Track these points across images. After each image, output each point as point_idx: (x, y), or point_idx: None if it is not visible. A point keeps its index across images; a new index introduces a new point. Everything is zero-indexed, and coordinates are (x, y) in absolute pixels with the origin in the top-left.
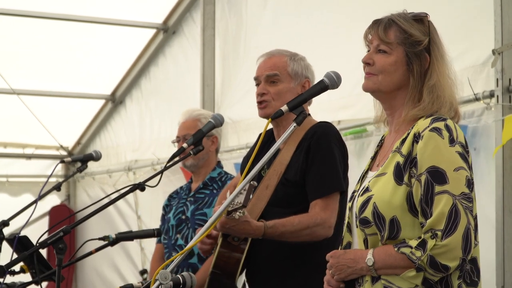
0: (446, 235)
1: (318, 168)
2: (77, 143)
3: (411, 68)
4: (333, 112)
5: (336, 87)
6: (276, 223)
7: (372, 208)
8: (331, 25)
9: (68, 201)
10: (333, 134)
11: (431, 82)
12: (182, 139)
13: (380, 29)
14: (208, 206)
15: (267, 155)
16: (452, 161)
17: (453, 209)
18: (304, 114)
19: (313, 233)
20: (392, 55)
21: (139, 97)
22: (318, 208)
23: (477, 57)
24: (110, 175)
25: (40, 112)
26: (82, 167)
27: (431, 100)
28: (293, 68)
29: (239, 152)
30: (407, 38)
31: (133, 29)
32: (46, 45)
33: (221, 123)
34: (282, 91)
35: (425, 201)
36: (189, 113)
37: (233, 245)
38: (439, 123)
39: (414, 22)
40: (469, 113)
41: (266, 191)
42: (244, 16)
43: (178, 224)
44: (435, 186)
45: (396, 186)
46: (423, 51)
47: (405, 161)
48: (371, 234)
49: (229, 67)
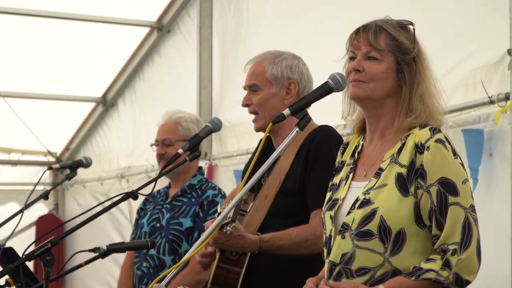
0: (463, 248)
1: (317, 175)
2: (66, 148)
3: (403, 76)
4: (338, 115)
5: (341, 89)
6: (273, 237)
7: (379, 222)
8: (335, 25)
9: (56, 210)
10: (334, 138)
11: (420, 91)
12: (161, 143)
13: (370, 35)
14: (184, 215)
15: (266, 163)
16: (459, 173)
17: (466, 221)
18: (307, 118)
19: (313, 246)
20: (384, 62)
21: (132, 99)
22: (318, 219)
23: (490, 57)
24: (102, 182)
25: (27, 115)
26: (71, 174)
27: (423, 109)
28: (271, 73)
29: (238, 158)
30: (398, 46)
31: (126, 28)
32: (33, 44)
33: (219, 127)
34: (263, 99)
35: (439, 212)
36: (169, 115)
37: (232, 260)
38: (439, 135)
39: (401, 30)
40: (484, 117)
41: (265, 202)
42: (244, 14)
43: (152, 232)
44: (448, 196)
45: (402, 198)
46: (411, 60)
47: (408, 172)
48: (367, 248)
49: (227, 68)
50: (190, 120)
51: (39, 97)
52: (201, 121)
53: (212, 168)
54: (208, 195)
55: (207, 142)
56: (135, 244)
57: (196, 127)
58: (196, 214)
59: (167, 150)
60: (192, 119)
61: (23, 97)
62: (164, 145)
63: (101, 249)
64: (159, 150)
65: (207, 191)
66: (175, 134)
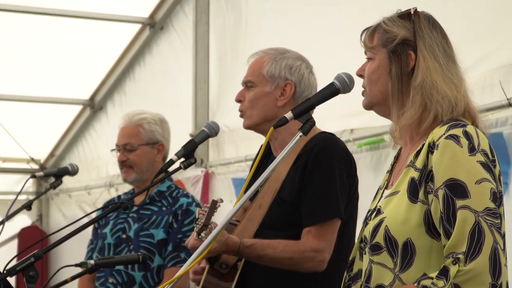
0: (470, 258)
1: (313, 190)
2: (50, 155)
3: (390, 70)
4: (345, 119)
5: (348, 91)
6: (255, 243)
7: (383, 232)
8: (342, 21)
9: (40, 221)
10: (336, 149)
11: (416, 82)
12: (122, 149)
13: (366, 36)
14: (156, 226)
15: (267, 171)
16: (473, 172)
17: (476, 227)
18: (311, 122)
19: (297, 265)
20: (376, 60)
21: (122, 102)
22: (311, 237)
23: (509, 56)
24: (89, 192)
25: (7, 119)
26: (56, 182)
27: (421, 103)
28: (268, 70)
29: (237, 166)
30: (388, 38)
31: (115, 24)
32: (14, 42)
33: (216, 132)
34: (255, 97)
35: (447, 219)
36: (129, 117)
37: (221, 273)
38: (456, 130)
39: (398, 20)
40: (502, 120)
41: (259, 211)
42: (244, 10)
43: (117, 244)
44: (455, 200)
45: (410, 205)
46: (405, 49)
47: (420, 176)
48: (378, 263)
49: (225, 68)
50: (153, 121)
51: (21, 99)
52: (165, 121)
53: (209, 176)
54: (182, 204)
55: (203, 148)
56: (125, 259)
57: (160, 128)
58: (169, 224)
59: (129, 156)
60: (155, 120)
61: (3, 100)
62: (125, 151)
63: (88, 263)
64: (120, 157)
65: (179, 199)
66: (137, 138)
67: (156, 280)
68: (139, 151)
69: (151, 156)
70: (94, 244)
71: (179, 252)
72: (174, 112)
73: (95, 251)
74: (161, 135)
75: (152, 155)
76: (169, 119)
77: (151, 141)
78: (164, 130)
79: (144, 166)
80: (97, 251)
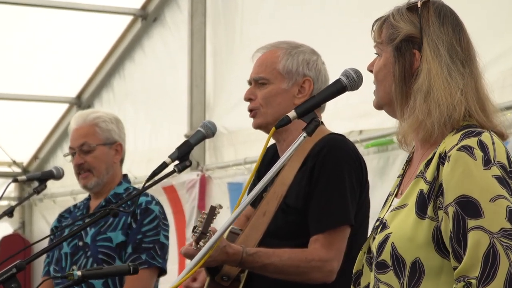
0: (483, 284)
1: (321, 195)
2: (33, 157)
3: (394, 70)
4: (353, 119)
5: (356, 88)
6: (259, 251)
7: (390, 250)
8: (347, 12)
9: (23, 229)
10: (345, 151)
11: (417, 86)
12: (78, 151)
13: (375, 28)
14: (113, 229)
15: (269, 173)
16: (487, 188)
17: (490, 250)
18: (316, 121)
19: (303, 275)
20: (382, 57)
21: (110, 100)
22: (319, 246)
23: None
24: (75, 197)
25: None
26: (40, 187)
27: (424, 110)
28: (285, 65)
29: (235, 169)
30: (392, 34)
31: (104, 16)
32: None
33: (213, 133)
34: (271, 94)
35: (456, 239)
36: (83, 118)
37: (223, 286)
38: (470, 140)
39: (406, 13)
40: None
41: (264, 219)
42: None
43: (74, 252)
44: (467, 220)
45: (418, 221)
46: (410, 47)
47: (430, 189)
48: (384, 283)
49: (222, 63)
50: (109, 119)
51: (1, 97)
52: (120, 120)
53: (205, 180)
54: (141, 203)
55: (199, 150)
56: (115, 270)
57: (117, 128)
58: (128, 225)
59: (86, 158)
60: (111, 118)
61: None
62: (82, 153)
63: (75, 275)
64: (77, 160)
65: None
66: (94, 138)
67: (117, 287)
68: (97, 152)
69: (109, 157)
70: (50, 257)
71: (139, 254)
72: (168, 111)
73: (51, 264)
74: (118, 135)
75: (110, 156)
76: (162, 118)
77: (108, 141)
78: (120, 129)
79: (104, 168)
80: (54, 263)
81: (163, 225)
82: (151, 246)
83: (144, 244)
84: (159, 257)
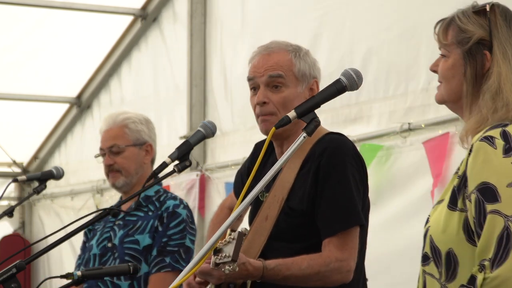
0: (496, 264)
1: (330, 198)
2: (33, 157)
3: (465, 71)
4: (343, 126)
5: (356, 88)
6: (279, 264)
7: (429, 242)
8: (353, 5)
9: (23, 229)
10: (348, 150)
11: (486, 87)
12: (108, 152)
13: (440, 31)
14: (141, 232)
15: (267, 175)
16: (505, 174)
17: (504, 232)
18: (316, 122)
19: (325, 279)
20: (450, 58)
21: (110, 100)
22: (333, 248)
23: None
24: (73, 197)
25: None
26: (40, 187)
27: (491, 108)
28: (300, 68)
29: (234, 169)
30: (464, 38)
31: (104, 17)
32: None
33: (213, 133)
34: (289, 98)
35: (478, 224)
36: (113, 119)
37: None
38: (494, 131)
39: (473, 16)
40: None
41: (266, 223)
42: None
43: (103, 253)
44: (486, 205)
45: (450, 213)
46: (480, 49)
47: (459, 182)
48: (429, 273)
49: (222, 63)
50: (138, 120)
51: (1, 97)
52: (150, 121)
53: (205, 181)
54: (168, 206)
55: (199, 150)
56: (115, 270)
57: (147, 128)
58: (154, 228)
59: (116, 159)
60: (141, 119)
61: None
62: (112, 154)
63: (75, 275)
64: (107, 160)
65: (166, 201)
66: (123, 139)
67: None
68: (126, 153)
69: (139, 158)
70: (81, 259)
71: (163, 257)
72: (167, 111)
73: (81, 265)
74: (148, 135)
75: (140, 157)
76: (162, 119)
77: (138, 142)
78: (150, 130)
79: (133, 169)
80: (83, 264)
81: (190, 229)
82: (176, 250)
83: (169, 247)
84: (183, 261)
